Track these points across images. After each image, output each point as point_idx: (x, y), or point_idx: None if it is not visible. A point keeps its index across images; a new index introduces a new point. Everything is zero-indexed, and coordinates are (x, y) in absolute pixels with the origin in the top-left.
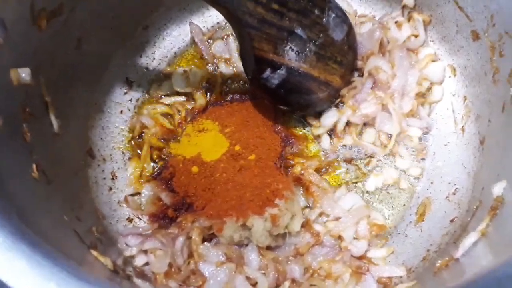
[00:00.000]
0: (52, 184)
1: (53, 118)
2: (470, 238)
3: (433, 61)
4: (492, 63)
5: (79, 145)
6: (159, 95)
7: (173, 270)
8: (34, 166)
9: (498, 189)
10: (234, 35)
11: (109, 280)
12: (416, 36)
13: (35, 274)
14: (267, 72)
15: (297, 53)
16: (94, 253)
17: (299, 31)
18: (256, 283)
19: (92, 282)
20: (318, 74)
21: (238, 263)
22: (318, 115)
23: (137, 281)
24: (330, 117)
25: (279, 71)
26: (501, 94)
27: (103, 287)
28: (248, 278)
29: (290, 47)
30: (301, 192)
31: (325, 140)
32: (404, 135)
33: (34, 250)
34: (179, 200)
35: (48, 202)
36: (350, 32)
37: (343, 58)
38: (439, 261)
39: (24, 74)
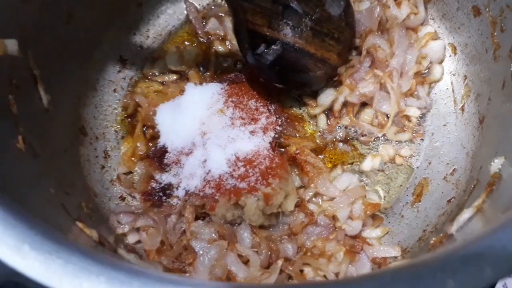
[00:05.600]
0: (39, 158)
1: (42, 93)
2: (465, 214)
3: (433, 39)
4: (493, 39)
5: (71, 122)
6: (153, 73)
7: (165, 247)
8: (20, 137)
9: (495, 165)
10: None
11: (90, 248)
12: (415, 14)
13: (8, 235)
14: (262, 47)
15: (292, 28)
16: (80, 225)
17: (294, 5)
18: (248, 260)
19: (68, 245)
20: (315, 51)
21: (230, 241)
22: (315, 94)
23: (122, 251)
24: (327, 96)
25: (273, 47)
26: (502, 70)
27: (80, 250)
28: (240, 256)
29: (285, 22)
30: (296, 172)
31: (322, 120)
32: (402, 114)
33: (8, 212)
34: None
35: (32, 173)
36: (347, 8)
37: (341, 34)
38: (434, 239)
39: (11, 45)
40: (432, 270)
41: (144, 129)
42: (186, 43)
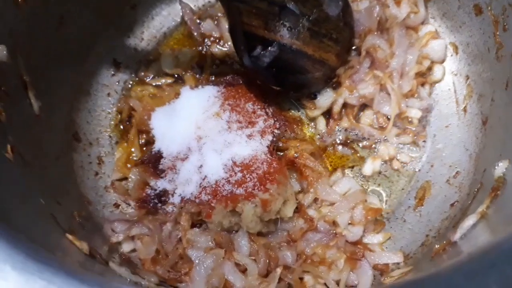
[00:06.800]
0: (29, 167)
1: (32, 99)
2: (469, 221)
3: (434, 39)
4: (496, 38)
5: (64, 128)
6: (148, 77)
7: (160, 256)
8: (8, 147)
9: (499, 169)
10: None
11: (79, 264)
12: (416, 13)
13: None
14: (258, 49)
15: (289, 29)
16: (70, 237)
17: (291, 5)
18: (246, 269)
19: (52, 265)
20: (313, 52)
21: (227, 249)
22: (313, 96)
23: (112, 265)
24: (326, 99)
25: (270, 48)
26: (505, 70)
27: (65, 270)
28: (237, 265)
29: (282, 23)
30: (295, 176)
31: (321, 123)
32: (403, 116)
33: None
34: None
35: (21, 184)
36: (346, 8)
37: (339, 35)
38: (437, 246)
39: None
40: (436, 285)
41: (139, 134)
42: (181, 45)
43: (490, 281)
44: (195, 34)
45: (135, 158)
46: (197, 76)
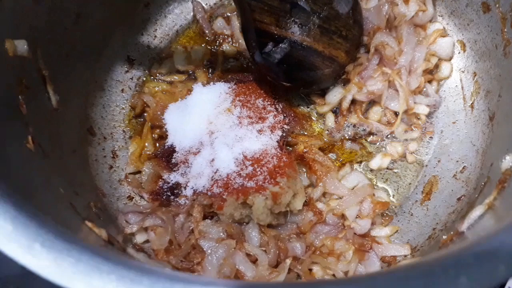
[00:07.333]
0: (48, 158)
1: (51, 93)
2: (476, 212)
3: (441, 36)
4: (503, 35)
5: (79, 123)
6: (161, 73)
7: (173, 247)
8: (29, 137)
9: (507, 162)
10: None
11: (100, 247)
12: (424, 11)
13: (19, 234)
14: (269, 46)
15: (300, 26)
16: (89, 224)
17: (302, 3)
18: (256, 260)
19: (79, 244)
20: (323, 49)
21: (238, 240)
22: (323, 93)
23: (131, 251)
24: (335, 95)
25: (281, 45)
26: None
27: (91, 249)
28: (248, 255)
29: (293, 20)
30: (304, 171)
31: (330, 119)
32: (411, 112)
33: (19, 211)
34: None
35: (43, 174)
36: (355, 6)
37: (349, 32)
38: (444, 237)
39: (20, 46)
40: (444, 266)
41: (152, 129)
42: (193, 43)
43: (498, 261)
44: (207, 32)
45: (148, 152)
46: (209, 73)
